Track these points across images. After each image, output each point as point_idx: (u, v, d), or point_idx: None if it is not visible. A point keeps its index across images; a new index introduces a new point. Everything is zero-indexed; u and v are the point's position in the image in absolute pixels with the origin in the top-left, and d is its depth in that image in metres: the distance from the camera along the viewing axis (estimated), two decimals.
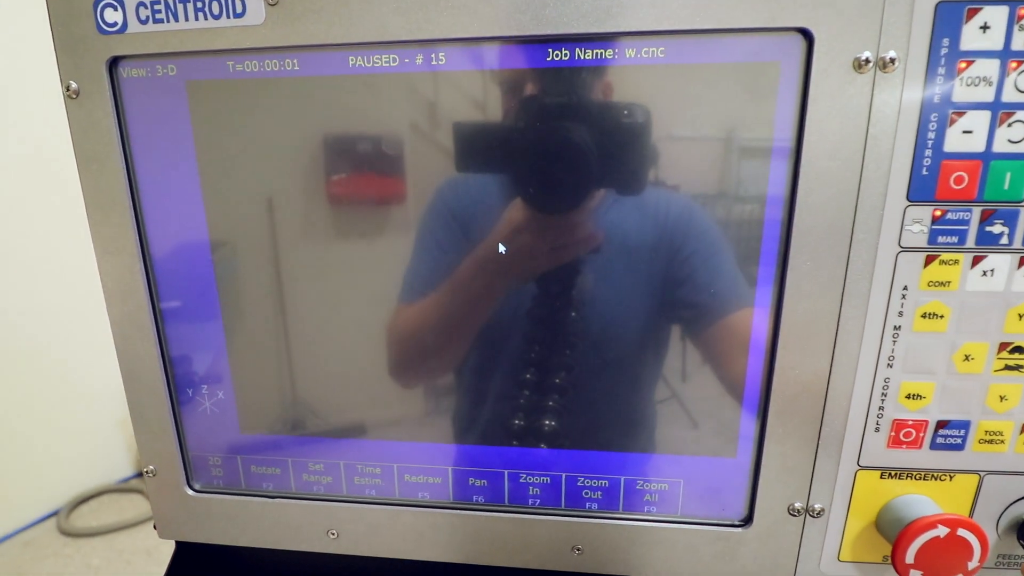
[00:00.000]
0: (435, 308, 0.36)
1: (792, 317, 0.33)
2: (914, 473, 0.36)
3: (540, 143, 0.33)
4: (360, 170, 0.35)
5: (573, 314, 0.36)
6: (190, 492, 0.41)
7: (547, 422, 0.38)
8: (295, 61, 0.33)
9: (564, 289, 0.35)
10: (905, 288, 0.32)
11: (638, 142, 0.32)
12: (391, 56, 0.32)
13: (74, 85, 0.34)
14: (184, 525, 0.42)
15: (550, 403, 0.37)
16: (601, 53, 0.31)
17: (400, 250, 0.36)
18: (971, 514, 0.36)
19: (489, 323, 0.37)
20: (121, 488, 1.81)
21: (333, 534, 0.41)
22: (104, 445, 1.77)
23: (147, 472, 0.41)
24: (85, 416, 1.69)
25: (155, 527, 0.42)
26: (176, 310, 0.39)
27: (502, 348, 0.37)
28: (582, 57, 0.31)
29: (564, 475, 0.39)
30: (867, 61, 0.29)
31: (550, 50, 0.31)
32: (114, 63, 0.34)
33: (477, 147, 0.33)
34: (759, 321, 0.34)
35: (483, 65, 0.32)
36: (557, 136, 0.32)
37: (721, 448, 0.37)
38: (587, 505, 0.39)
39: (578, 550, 0.39)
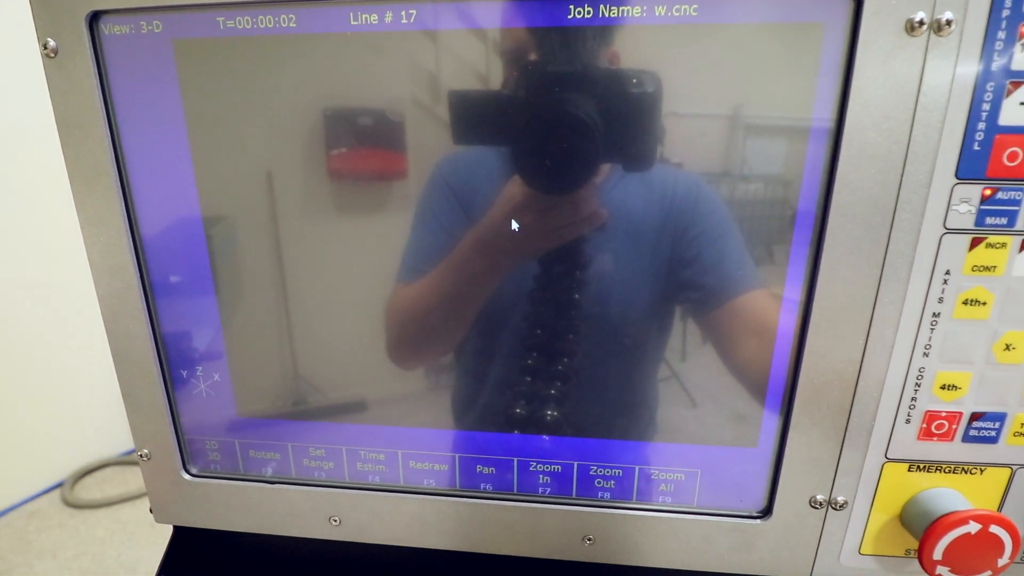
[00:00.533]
0: (434, 288, 0.34)
1: (825, 301, 0.31)
2: (944, 466, 0.34)
3: (541, 116, 0.30)
4: (360, 139, 0.32)
5: (576, 296, 0.34)
6: (186, 477, 0.40)
7: (549, 412, 0.36)
8: (292, 17, 0.30)
9: (567, 269, 0.33)
10: (947, 273, 0.30)
11: (649, 113, 0.30)
12: (399, 12, 0.30)
13: (52, 43, 0.32)
14: (181, 510, 0.41)
15: (552, 391, 0.36)
16: (628, 10, 0.28)
17: (403, 224, 0.34)
18: (1000, 509, 0.34)
19: (489, 304, 0.35)
20: (124, 460, 1.82)
21: (335, 521, 0.39)
22: (107, 417, 1.77)
23: (141, 456, 0.39)
24: (88, 388, 1.69)
25: (151, 511, 0.41)
26: (168, 287, 0.36)
27: (503, 331, 0.35)
28: (607, 15, 0.28)
29: (576, 464, 0.37)
30: (920, 23, 0.27)
31: (571, 6, 0.29)
32: (95, 18, 0.31)
33: (474, 117, 0.31)
34: (788, 305, 0.32)
35: (498, 22, 0.29)
36: (559, 110, 0.30)
37: (742, 437, 0.35)
38: (599, 494, 0.37)
39: (589, 540, 0.37)
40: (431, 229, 0.34)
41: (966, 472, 0.34)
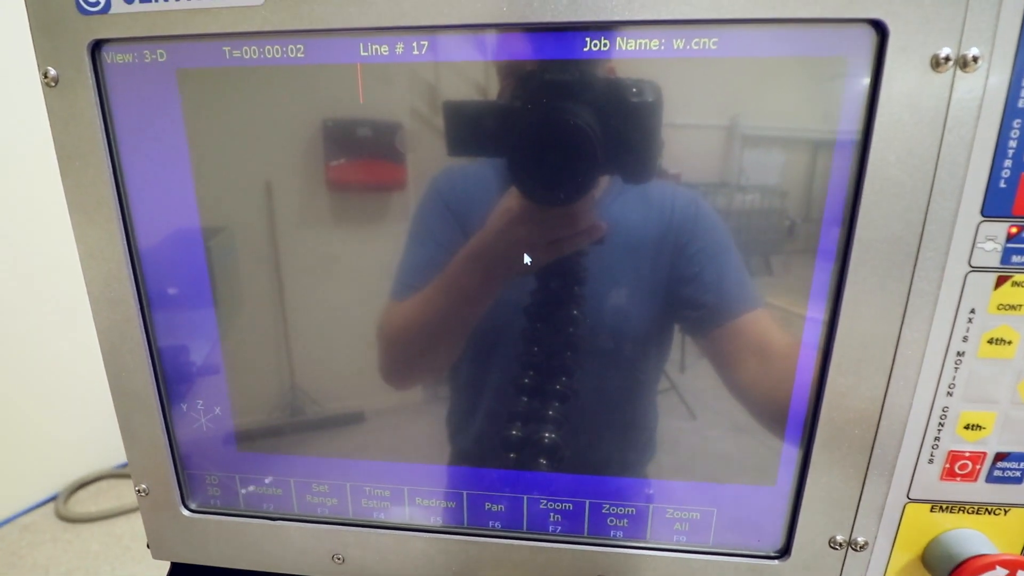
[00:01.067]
0: (428, 304, 0.33)
1: (847, 338, 0.30)
2: (967, 507, 0.33)
3: (539, 125, 0.29)
4: (360, 151, 0.31)
5: (575, 312, 0.33)
6: (185, 513, 0.39)
7: (547, 434, 0.35)
8: (300, 48, 0.30)
9: (565, 284, 0.32)
10: (972, 311, 0.29)
11: (648, 123, 0.29)
12: (410, 44, 0.29)
13: (52, 72, 0.31)
14: (179, 546, 0.40)
15: (550, 411, 0.35)
16: (645, 43, 0.27)
17: (403, 236, 0.33)
18: None
19: (485, 321, 0.34)
20: (119, 474, 1.80)
21: (339, 559, 0.38)
22: (102, 430, 1.75)
23: (139, 491, 0.38)
24: (83, 401, 1.67)
25: (148, 547, 0.40)
26: (169, 320, 0.35)
27: (499, 348, 0.34)
28: (624, 48, 0.28)
29: (588, 501, 0.36)
30: (946, 59, 0.26)
31: (587, 39, 0.28)
32: (97, 47, 0.31)
33: (469, 128, 0.30)
34: (807, 340, 0.31)
35: (512, 55, 0.29)
36: (557, 119, 0.29)
37: (760, 476, 0.34)
38: (612, 533, 0.36)
39: None
40: (426, 245, 0.33)
41: (990, 513, 0.33)
